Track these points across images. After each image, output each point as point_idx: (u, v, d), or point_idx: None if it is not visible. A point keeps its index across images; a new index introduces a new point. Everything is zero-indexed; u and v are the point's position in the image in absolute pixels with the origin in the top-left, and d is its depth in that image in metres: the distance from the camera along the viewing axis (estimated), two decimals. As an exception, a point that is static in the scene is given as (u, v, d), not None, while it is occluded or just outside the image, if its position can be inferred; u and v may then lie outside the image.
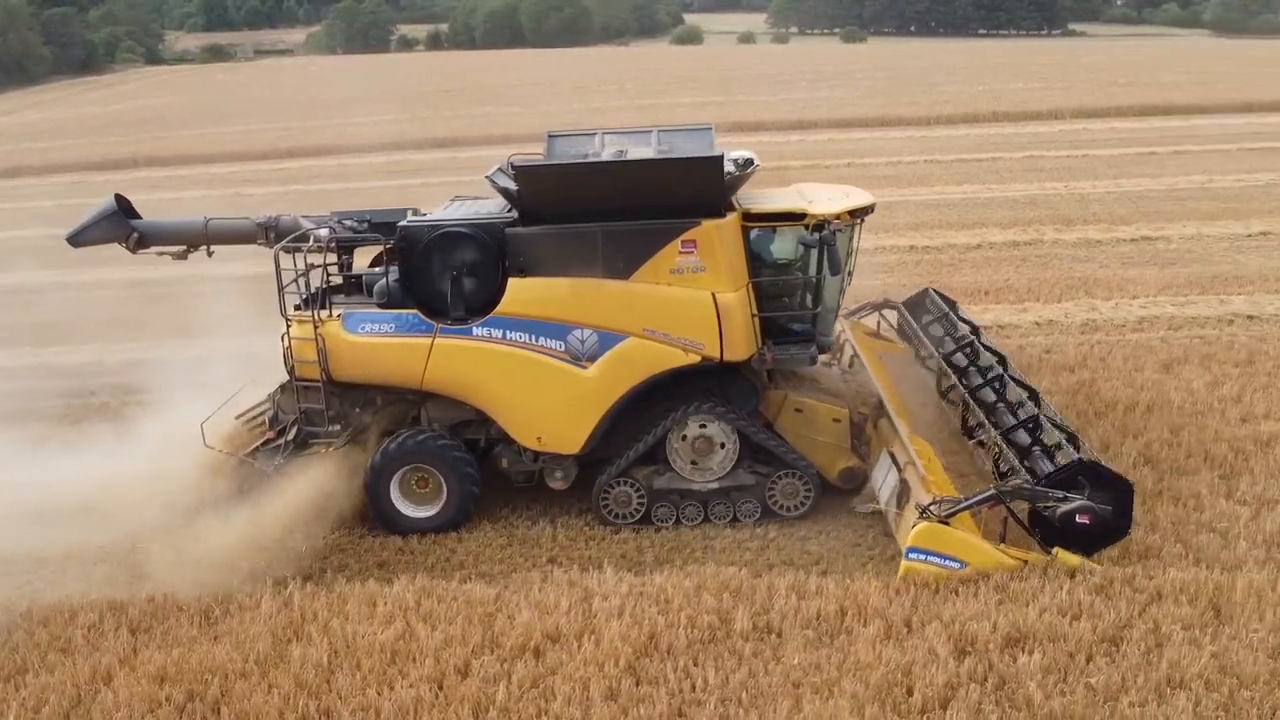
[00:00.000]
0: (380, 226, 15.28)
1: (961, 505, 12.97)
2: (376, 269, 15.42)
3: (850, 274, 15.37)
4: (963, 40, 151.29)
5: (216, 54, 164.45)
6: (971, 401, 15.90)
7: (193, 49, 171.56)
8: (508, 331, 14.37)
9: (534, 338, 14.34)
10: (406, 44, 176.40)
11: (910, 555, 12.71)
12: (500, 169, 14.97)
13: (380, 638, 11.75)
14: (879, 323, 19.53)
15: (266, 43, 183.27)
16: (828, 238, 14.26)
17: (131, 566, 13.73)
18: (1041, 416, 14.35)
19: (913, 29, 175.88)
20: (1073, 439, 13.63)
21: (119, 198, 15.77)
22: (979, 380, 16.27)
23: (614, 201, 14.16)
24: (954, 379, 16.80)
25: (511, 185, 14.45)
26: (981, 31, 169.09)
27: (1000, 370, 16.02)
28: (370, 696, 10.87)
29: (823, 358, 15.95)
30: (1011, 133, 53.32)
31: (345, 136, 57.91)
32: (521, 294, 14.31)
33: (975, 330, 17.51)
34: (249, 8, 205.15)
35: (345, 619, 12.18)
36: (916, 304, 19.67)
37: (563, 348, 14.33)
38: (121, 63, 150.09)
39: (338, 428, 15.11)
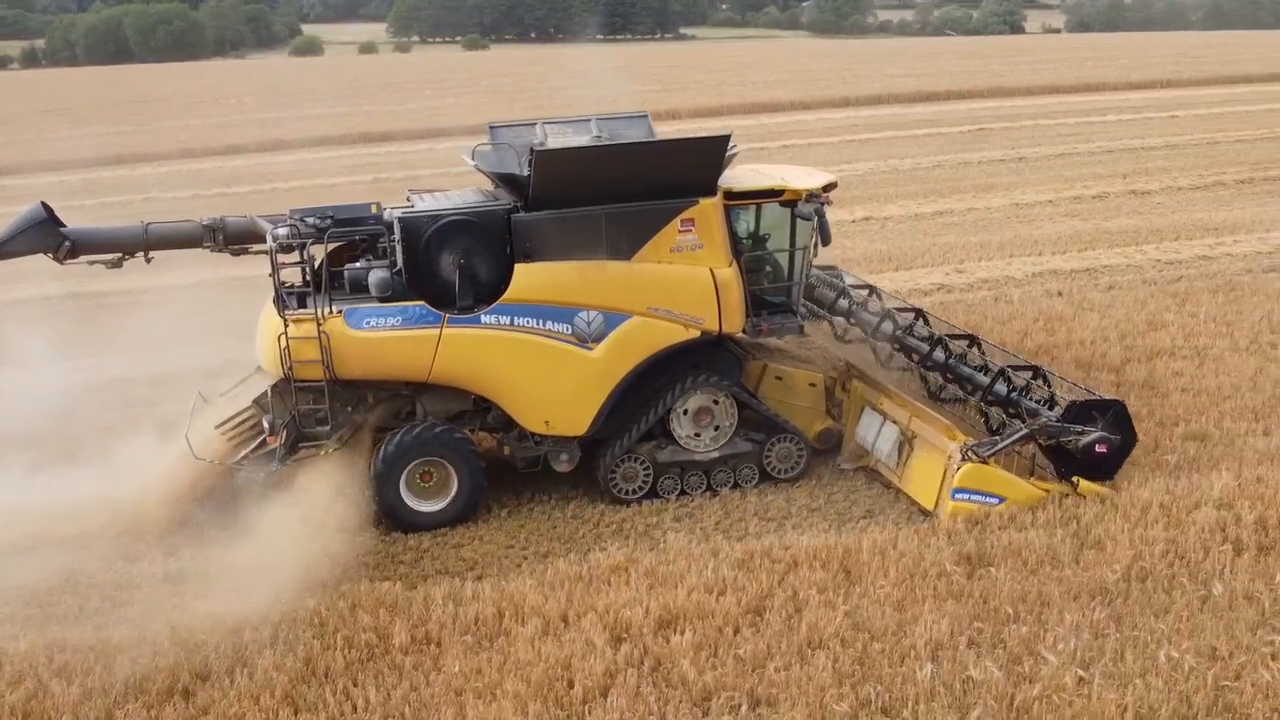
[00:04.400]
0: (348, 222, 14.70)
1: (1000, 445, 14.07)
2: (358, 264, 14.87)
3: (817, 250, 15.95)
4: (582, 45, 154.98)
5: None
6: (950, 356, 15.99)
7: None
8: (516, 317, 14.48)
9: (541, 322, 14.53)
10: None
11: (957, 495, 13.68)
12: (476, 159, 15.18)
13: (9, 700, 10.89)
14: None
15: None
16: (820, 210, 15.07)
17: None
18: (1046, 371, 15.21)
19: (533, 35, 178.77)
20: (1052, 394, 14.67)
21: (46, 205, 14.36)
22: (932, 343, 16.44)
23: (623, 183, 14.51)
24: (911, 335, 16.70)
25: (516, 171, 14.51)
26: (599, 37, 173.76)
27: (967, 334, 16.74)
28: (2, 764, 10.11)
29: None
30: (634, 134, 54.91)
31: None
32: (528, 279, 14.48)
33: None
34: None
35: (-34, 685, 11.18)
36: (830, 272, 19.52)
37: (570, 330, 14.58)
38: None
39: (329, 428, 14.52)
